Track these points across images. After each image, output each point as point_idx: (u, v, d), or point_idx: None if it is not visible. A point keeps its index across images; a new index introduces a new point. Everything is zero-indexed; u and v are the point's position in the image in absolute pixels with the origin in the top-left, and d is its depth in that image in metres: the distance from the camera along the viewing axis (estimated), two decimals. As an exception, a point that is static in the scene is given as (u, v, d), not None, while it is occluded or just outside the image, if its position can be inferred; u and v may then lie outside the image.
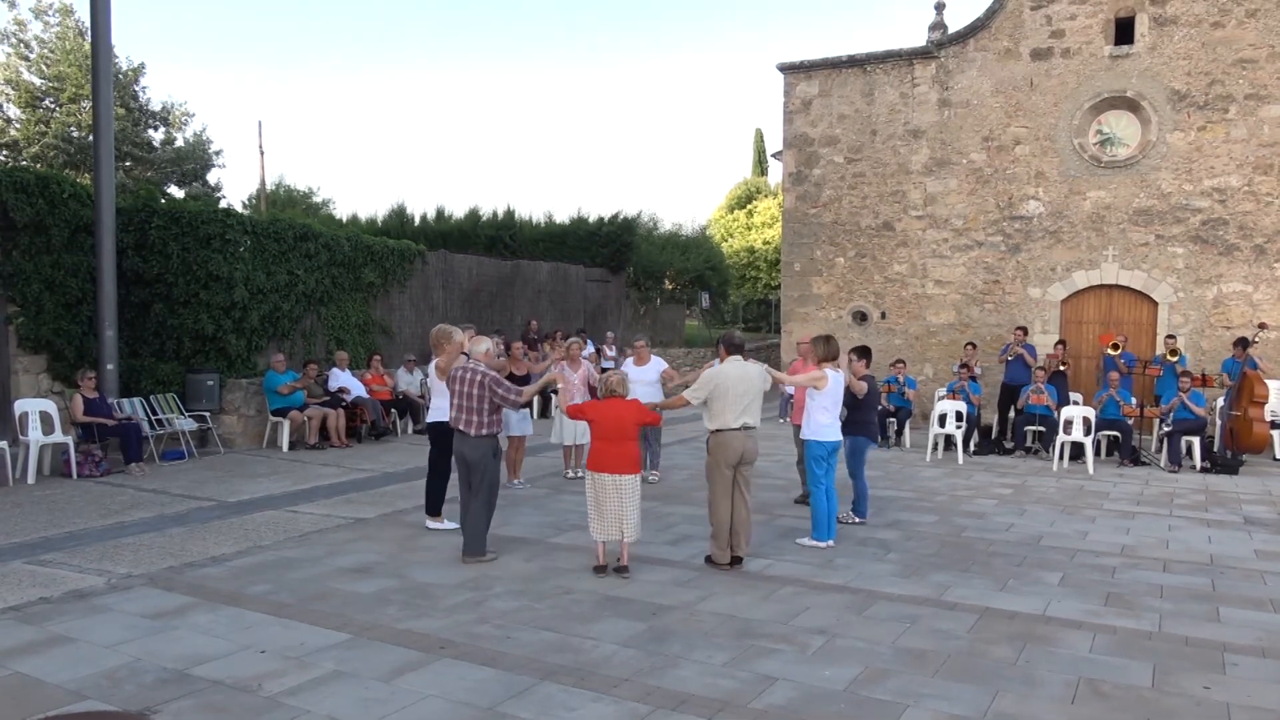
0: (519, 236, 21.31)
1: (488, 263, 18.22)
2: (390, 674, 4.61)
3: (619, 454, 6.36)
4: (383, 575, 6.40)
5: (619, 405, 6.48)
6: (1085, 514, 8.88)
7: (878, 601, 5.98)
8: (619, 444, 6.37)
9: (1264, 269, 13.94)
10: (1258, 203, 13.91)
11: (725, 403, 6.65)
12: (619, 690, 4.45)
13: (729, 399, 6.65)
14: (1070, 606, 5.92)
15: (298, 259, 13.35)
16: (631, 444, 6.41)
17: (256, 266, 12.65)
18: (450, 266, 16.95)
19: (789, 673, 4.71)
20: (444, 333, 7.70)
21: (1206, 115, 14.14)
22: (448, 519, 7.85)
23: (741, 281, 33.89)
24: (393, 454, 11.94)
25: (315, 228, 14.04)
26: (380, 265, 15.03)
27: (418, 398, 14.09)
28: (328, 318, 14.08)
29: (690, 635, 5.26)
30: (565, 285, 20.27)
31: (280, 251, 13.06)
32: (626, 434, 6.39)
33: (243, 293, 12.34)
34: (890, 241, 16.46)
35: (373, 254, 14.87)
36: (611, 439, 6.38)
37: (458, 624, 5.39)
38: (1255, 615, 5.80)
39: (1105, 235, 14.86)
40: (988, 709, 4.30)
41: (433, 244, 18.35)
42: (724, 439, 6.66)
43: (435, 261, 16.55)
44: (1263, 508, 9.31)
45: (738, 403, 6.65)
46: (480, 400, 6.68)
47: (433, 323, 16.24)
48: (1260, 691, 4.56)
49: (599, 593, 6.07)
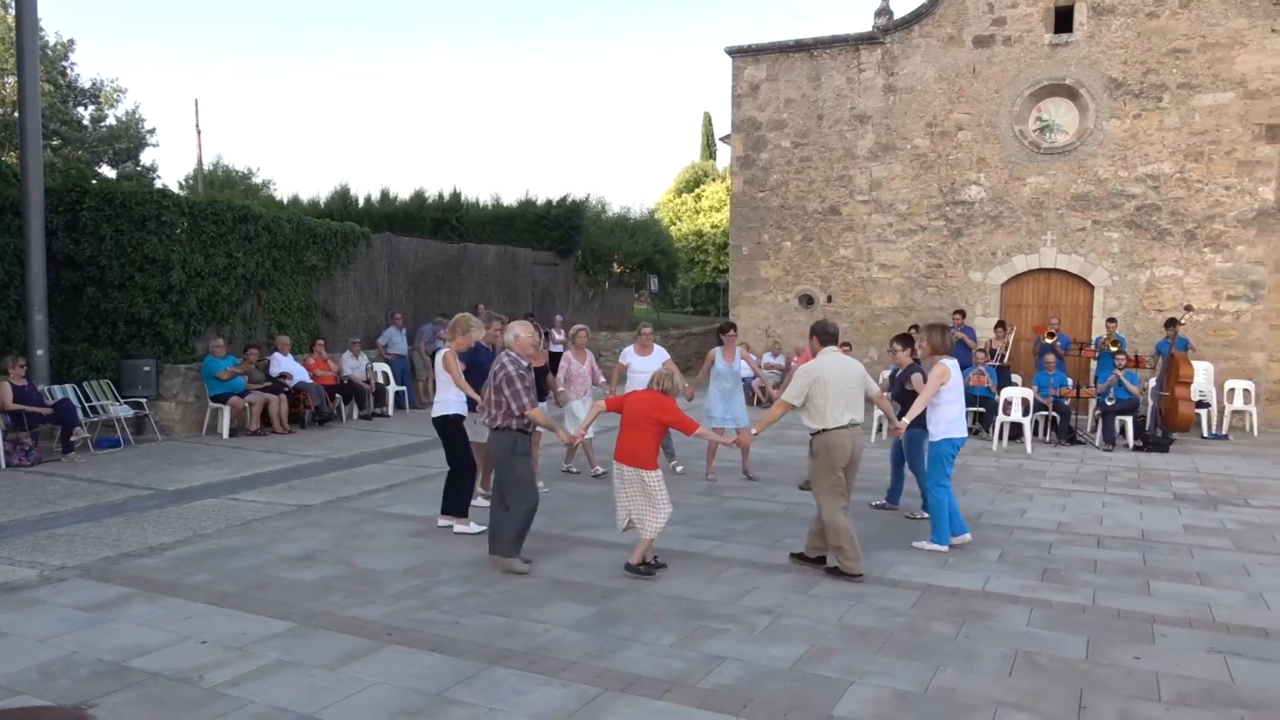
0: (466, 219, 21.13)
1: (434, 245, 18.02)
2: (336, 662, 4.57)
3: (627, 444, 6.02)
4: (327, 563, 6.33)
5: (647, 398, 6.07)
6: (1023, 492, 9.12)
7: (823, 581, 6.07)
8: (629, 433, 6.02)
9: (1194, 254, 14.39)
10: (1188, 189, 14.34)
11: (827, 399, 6.12)
12: (568, 673, 4.47)
13: (830, 395, 6.12)
14: (1008, 582, 6.08)
15: (237, 241, 13.06)
16: (643, 436, 5.98)
17: (194, 249, 12.34)
18: (396, 249, 16.73)
19: (736, 652, 4.77)
20: (463, 324, 7.30)
21: (1141, 103, 14.51)
22: (475, 521, 7.23)
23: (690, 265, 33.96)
24: (337, 440, 11.79)
25: (255, 209, 13.74)
26: (323, 248, 14.78)
27: (363, 382, 13.93)
28: (269, 301, 13.82)
29: (639, 617, 5.30)
30: (513, 268, 20.13)
31: (219, 233, 12.76)
32: (639, 425, 6.01)
33: (180, 276, 12.04)
34: (836, 226, 16.63)
35: (315, 236, 14.61)
36: (627, 429, 6.05)
37: (404, 611, 5.35)
38: (1183, 588, 6.02)
39: (1044, 220, 15.20)
40: (929, 683, 4.41)
41: (377, 226, 18.08)
42: (832, 440, 6.11)
43: (380, 244, 16.33)
44: (1191, 484, 9.65)
45: (840, 398, 6.13)
46: (498, 393, 6.24)
47: (378, 307, 16.10)
48: (1187, 661, 4.74)
49: (548, 577, 6.07)
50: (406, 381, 15.15)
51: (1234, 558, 6.80)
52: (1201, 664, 4.70)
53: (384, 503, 8.29)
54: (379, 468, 10.01)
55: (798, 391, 6.21)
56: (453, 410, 7.21)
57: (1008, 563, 6.57)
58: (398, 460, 10.49)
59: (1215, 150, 14.15)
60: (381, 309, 16.19)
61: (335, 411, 13.38)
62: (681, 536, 7.18)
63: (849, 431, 6.14)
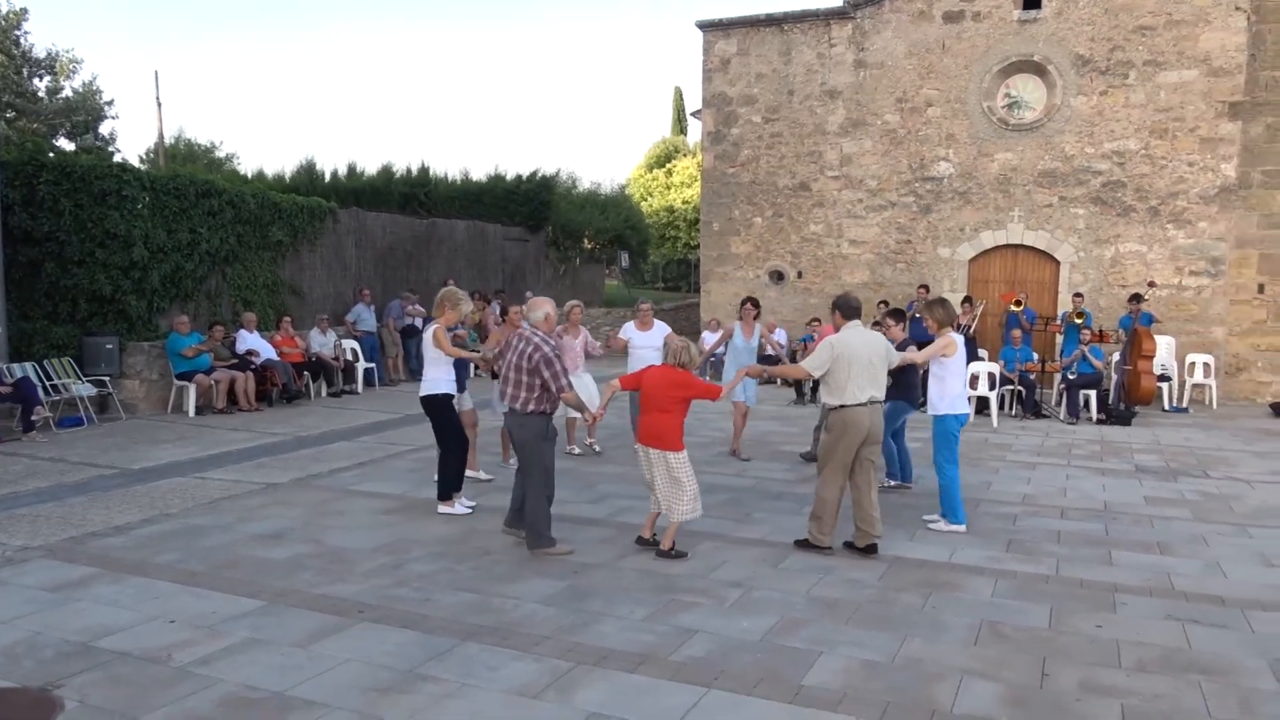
0: (434, 194, 20.94)
1: (402, 221, 17.86)
2: (307, 640, 4.56)
3: (649, 425, 5.90)
4: (297, 541, 6.30)
5: (665, 374, 5.93)
6: (989, 465, 9.26)
7: (793, 553, 6.14)
8: (650, 414, 5.90)
9: (1157, 230, 14.59)
10: (1153, 166, 14.51)
11: (849, 374, 6.01)
12: (540, 648, 4.49)
13: (853, 370, 6.01)
14: (974, 554, 6.19)
15: (200, 216, 12.85)
16: (666, 416, 5.85)
17: (156, 224, 12.12)
18: (363, 225, 16.56)
19: (707, 625, 4.82)
20: (451, 297, 7.09)
21: (1108, 80, 14.63)
22: (464, 499, 7.17)
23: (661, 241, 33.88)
24: (306, 417, 11.70)
25: (219, 183, 13.54)
26: (289, 223, 14.59)
27: (331, 359, 13.82)
28: (234, 278, 13.64)
29: (611, 592, 5.33)
30: (483, 244, 20.00)
31: (181, 208, 12.54)
32: (660, 404, 5.86)
33: (142, 252, 11.84)
34: (807, 201, 16.67)
35: (281, 211, 14.42)
36: (648, 409, 5.94)
37: (376, 588, 5.34)
38: (1144, 558, 6.16)
39: (1011, 197, 15.32)
40: (896, 653, 4.48)
41: (344, 201, 17.85)
42: (849, 416, 6.02)
43: (347, 219, 16.16)
44: (1152, 456, 9.85)
45: (862, 374, 6.03)
46: (532, 375, 5.99)
47: (345, 283, 15.93)
48: (1147, 629, 4.86)
49: (520, 553, 6.08)
50: (375, 358, 15.05)
51: (1193, 528, 6.96)
52: (1160, 631, 4.82)
53: (354, 480, 8.25)
54: (348, 445, 9.95)
55: (820, 363, 6.10)
56: (442, 389, 7.06)
57: (974, 534, 6.68)
58: (367, 438, 10.43)
59: (1179, 127, 14.32)
60: (349, 285, 16.04)
61: (303, 389, 13.29)
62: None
63: (868, 409, 6.06)
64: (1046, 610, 5.12)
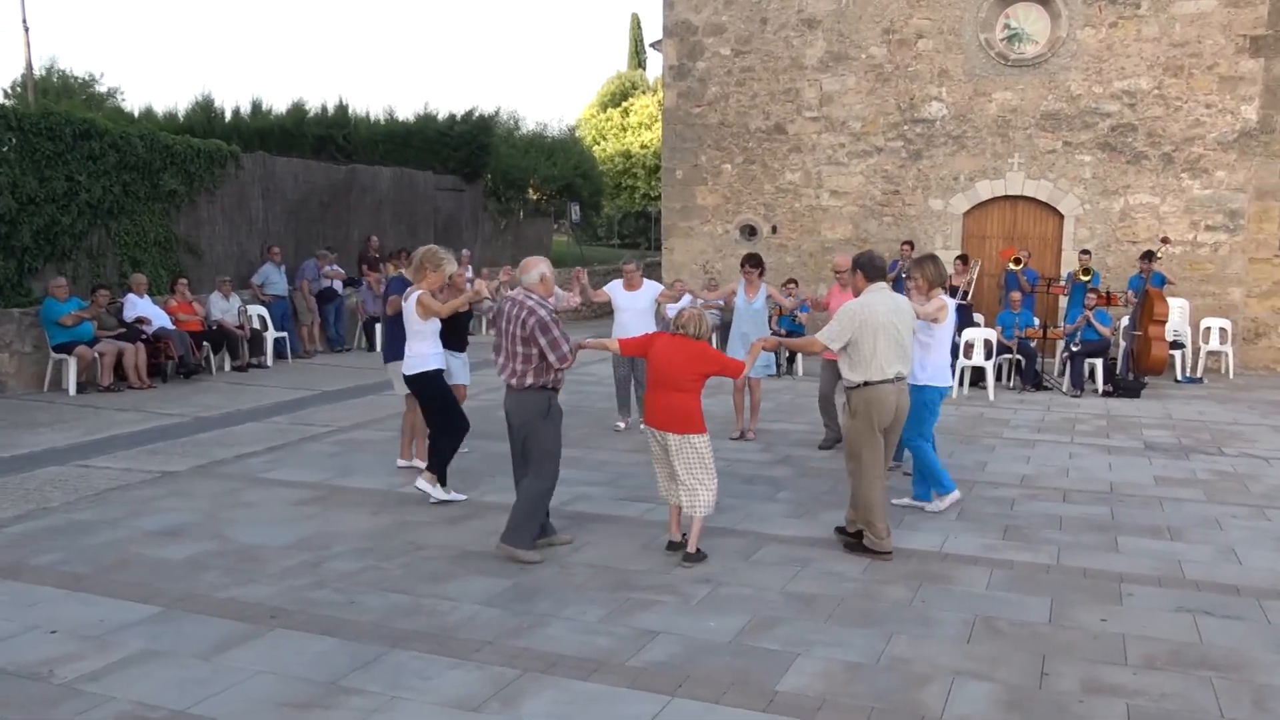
0: (355, 137, 20.78)
1: (317, 167, 17.63)
2: (211, 650, 4.53)
3: (665, 407, 5.80)
4: (198, 537, 6.25)
5: (679, 346, 5.83)
6: (985, 443, 9.43)
7: (767, 544, 6.21)
8: (664, 393, 5.80)
9: (1171, 179, 14.86)
10: (1167, 107, 14.74)
11: (874, 346, 5.86)
12: (481, 654, 4.50)
13: (879, 340, 5.87)
14: (968, 542, 6.32)
15: (79, 162, 12.59)
16: (684, 395, 5.77)
17: (25, 170, 11.85)
18: (271, 172, 16.32)
19: (671, 626, 4.87)
20: (433, 258, 6.92)
21: (1119, 10, 14.79)
22: (454, 489, 7.15)
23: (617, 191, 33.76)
24: (207, 395, 11.56)
25: (100, 123, 13.28)
26: (184, 170, 14.36)
27: (235, 328, 13.64)
28: (120, 233, 13.42)
29: (561, 590, 5.36)
30: (411, 194, 19.81)
31: (56, 152, 12.28)
32: (676, 382, 5.77)
33: (9, 203, 11.57)
34: (782, 146, 16.69)
35: (174, 156, 14.20)
36: (658, 386, 5.83)
37: (291, 590, 5.32)
38: (1152, 544, 6.33)
39: (1011, 141, 15.49)
40: (882, 653, 4.57)
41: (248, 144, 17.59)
42: (875, 395, 5.90)
43: (252, 166, 15.93)
44: (1162, 432, 10.10)
45: (889, 346, 5.90)
46: (529, 344, 5.88)
47: (251, 239, 15.70)
48: (1155, 621, 5.00)
49: (456, 548, 6.08)
50: (287, 326, 14.88)
51: (1206, 510, 7.17)
52: (1170, 624, 4.97)
53: (264, 467, 8.19)
54: (257, 427, 9.87)
55: (839, 334, 5.92)
56: (432, 365, 7.00)
57: (967, 520, 6.81)
58: (279, 418, 10.35)
59: (1196, 64, 14.55)
60: (255, 242, 15.82)
61: (203, 362, 13.15)
62: (608, 499, 7.27)
63: (894, 386, 5.96)
64: (1046, 603, 5.25)
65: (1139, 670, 4.43)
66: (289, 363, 14.46)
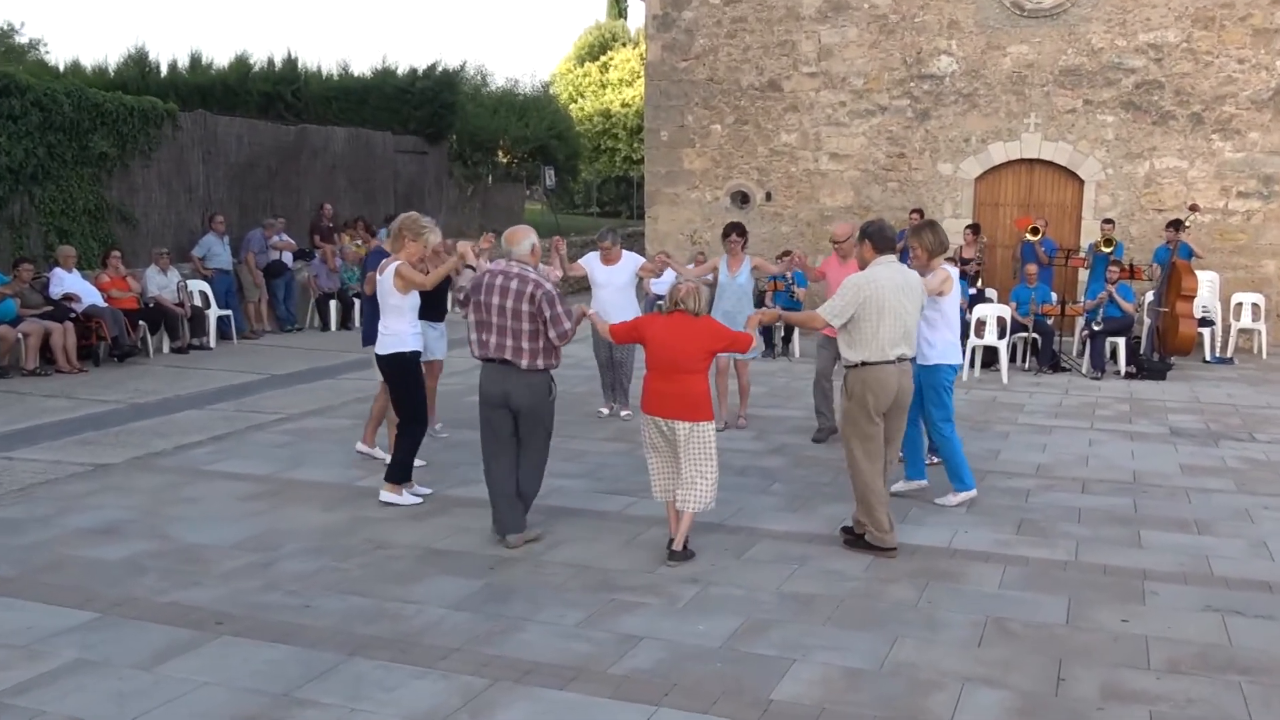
0: (305, 94, 20.70)
1: (264, 128, 17.55)
2: (152, 660, 4.52)
3: (672, 393, 5.74)
4: (137, 536, 6.23)
5: (679, 325, 5.78)
6: (998, 429, 9.49)
7: (760, 541, 6.24)
8: (670, 378, 5.75)
9: (1200, 141, 14.93)
10: (1196, 63, 14.79)
11: (879, 324, 5.86)
12: (449, 662, 4.51)
13: (884, 318, 5.86)
14: (979, 537, 6.36)
15: (-3, 121, 12.47)
16: (692, 379, 5.75)
17: (-62, 131, 11.73)
18: (212, 132, 16.24)
19: (656, 630, 4.89)
20: (413, 226, 6.81)
21: (1144, -45, 14.80)
22: (418, 485, 7.12)
23: (595, 154, 33.66)
24: (143, 380, 11.50)
25: (21, 79, 13.20)
26: (116, 131, 14.27)
27: (174, 305, 13.55)
28: (45, 201, 13.34)
29: (536, 592, 5.37)
30: (369, 158, 19.73)
31: (-29, 111, 12.16)
32: (682, 365, 5.73)
33: (-80, 167, 11.45)
34: (777, 105, 16.66)
35: (104, 115, 14.10)
36: (661, 371, 5.79)
37: (239, 593, 5.32)
38: (1178, 538, 6.40)
39: (1027, 100, 15.51)
40: (885, 658, 4.60)
41: (187, 102, 17.46)
42: (874, 376, 5.90)
43: (191, 126, 15.84)
44: (1190, 417, 10.19)
45: (894, 324, 5.89)
46: (534, 319, 5.90)
47: (191, 208, 15.60)
48: (1180, 622, 5.06)
49: (421, 545, 6.09)
50: (232, 304, 14.80)
51: (1236, 501, 7.24)
52: (1196, 625, 5.02)
53: (207, 459, 8.17)
54: (199, 414, 9.84)
55: (841, 309, 5.92)
56: (409, 346, 6.88)
57: (978, 514, 6.85)
58: (224, 404, 10.31)
59: (1228, 15, 14.59)
60: (196, 210, 15.73)
61: (138, 344, 13.06)
62: (587, 492, 7.28)
63: (896, 368, 5.96)
64: (1063, 603, 5.29)
65: (1163, 675, 4.48)
66: (234, 344, 14.38)
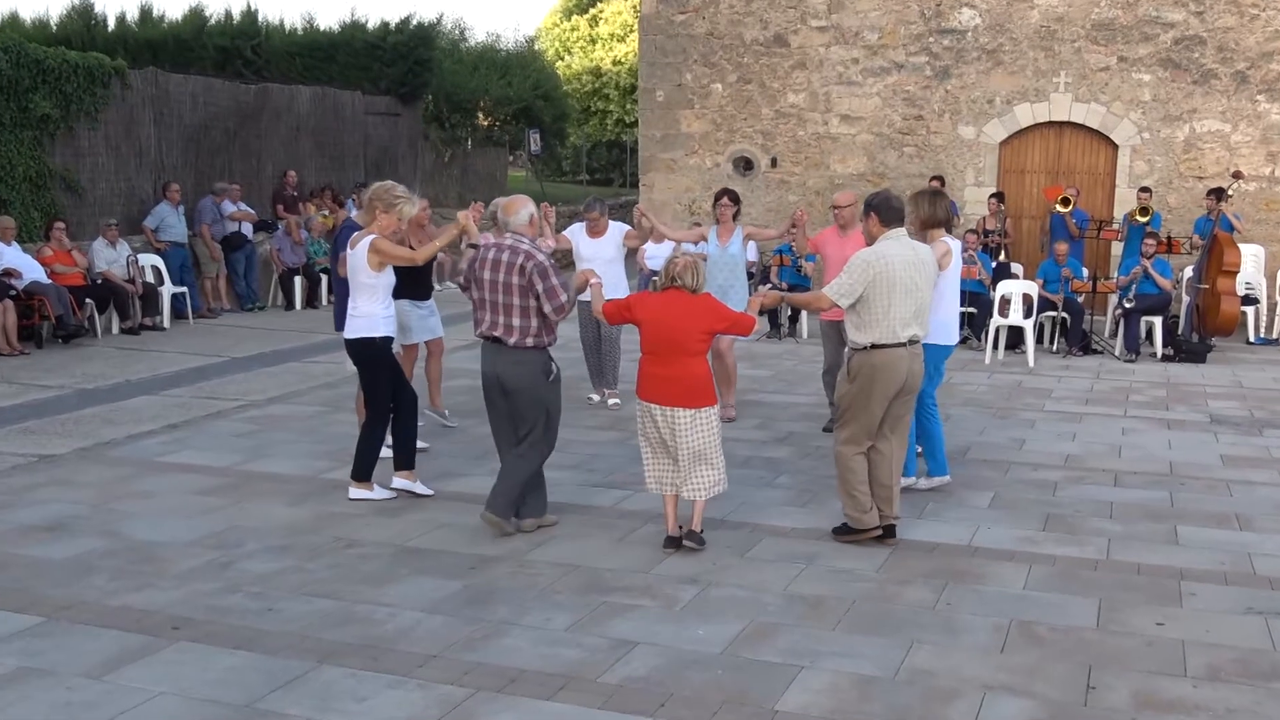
0: (267, 49, 20.58)
1: (221, 87, 17.46)
2: (102, 668, 4.52)
3: (669, 377, 5.77)
4: (85, 533, 6.23)
5: (676, 303, 5.79)
6: (1023, 417, 9.51)
7: (765, 538, 6.26)
8: (667, 361, 5.78)
9: (1244, 103, 14.91)
10: (1241, 16, 14.76)
11: (888, 304, 5.89)
12: (426, 670, 4.52)
13: (894, 297, 5.89)
14: (1002, 534, 6.38)
15: (-72, 79, 12.41)
16: (692, 361, 5.79)
17: None
18: (165, 92, 16.13)
19: (651, 634, 4.90)
20: (385, 196, 6.70)
21: (1185, -102, 14.77)
22: (420, 483, 7.06)
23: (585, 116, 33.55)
24: (91, 363, 11.49)
25: (-47, 33, 13.01)
26: (58, 90, 14.17)
27: (125, 282, 13.50)
28: (-20, 167, 13.26)
29: (521, 593, 5.38)
30: (337, 120, 19.66)
31: (-101, 68, 12.09)
32: (681, 346, 5.75)
33: None
34: (784, 62, 16.61)
35: (46, 73, 14.00)
36: (658, 354, 5.81)
37: (197, 595, 5.32)
38: (1218, 534, 6.42)
39: (1056, 57, 15.47)
40: (900, 665, 4.62)
41: (137, 59, 17.35)
42: (882, 360, 5.94)
43: (142, 85, 15.73)
44: (1231, 403, 10.22)
45: (905, 303, 5.93)
46: (524, 294, 5.98)
47: (142, 175, 15.53)
48: (1220, 625, 5.07)
49: (395, 543, 6.09)
50: (187, 280, 14.75)
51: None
52: (1238, 628, 5.04)
53: (162, 449, 8.17)
54: (153, 401, 9.84)
55: (849, 288, 5.92)
56: (380, 331, 6.77)
57: (1001, 508, 6.88)
58: (179, 390, 10.31)
59: (1277, -36, 14.55)
60: (147, 177, 15.67)
61: (85, 323, 13.01)
62: (576, 485, 7.28)
63: (906, 352, 6.01)
64: (1093, 605, 5.31)
65: (1201, 682, 4.50)
66: (190, 324, 14.34)
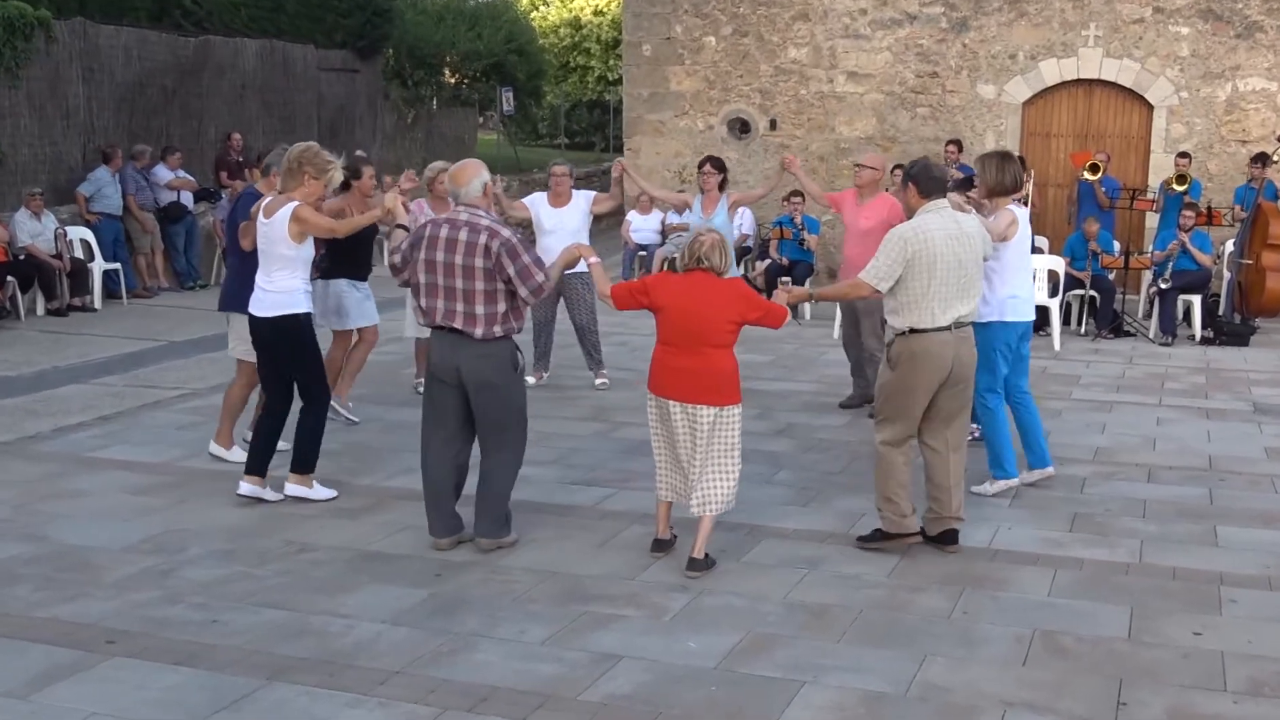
0: (208, -2, 20.38)
1: (157, 40, 17.31)
2: (27, 686, 4.51)
3: (693, 370, 5.65)
4: (9, 538, 6.22)
5: (702, 287, 5.67)
6: (1048, 405, 9.49)
7: (763, 540, 6.27)
8: (690, 352, 5.65)
9: (1294, 58, 14.95)
10: (1290, -38, 14.80)
11: (929, 282, 5.83)
12: (388, 688, 4.52)
13: (935, 275, 5.82)
14: (1024, 535, 6.41)
15: None
16: (718, 354, 5.66)
17: None
18: (94, 45, 16.03)
19: (638, 648, 4.90)
20: (313, 160, 6.52)
21: None
22: (271, 485, 6.86)
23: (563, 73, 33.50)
24: (12, 348, 11.44)
25: None
26: (-26, 44, 14.06)
27: (51, 258, 13.43)
28: (-112, 130, 13.16)
29: (494, 603, 5.38)
30: (287, 77, 19.57)
31: None
32: (707, 337, 5.64)
33: None
34: (784, 13, 16.58)
35: (-40, 25, 13.87)
36: (680, 344, 5.69)
37: (134, 606, 5.31)
38: (1261, 535, 6.45)
39: (1085, 7, 15.47)
40: (912, 680, 4.64)
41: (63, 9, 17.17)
42: (924, 345, 5.87)
43: (69, 38, 15.62)
44: (1277, 391, 10.27)
45: (948, 284, 5.86)
46: (490, 278, 5.76)
47: (69, 138, 15.44)
48: (1263, 634, 5.10)
49: (353, 548, 6.09)
50: (121, 255, 14.65)
51: (1331, 492, 7.31)
52: (1282, 639, 5.08)
53: (94, 443, 8.16)
54: (83, 390, 9.84)
55: (887, 270, 5.87)
56: (303, 307, 6.65)
57: (1024, 507, 6.90)
58: (112, 378, 10.31)
59: (1329, -96, 14.58)
60: (76, 140, 15.57)
61: (7, 304, 12.96)
62: (554, 483, 7.28)
63: (952, 336, 5.93)
64: (1125, 613, 5.33)
65: (1241, 697, 4.52)
66: (124, 304, 14.28)
